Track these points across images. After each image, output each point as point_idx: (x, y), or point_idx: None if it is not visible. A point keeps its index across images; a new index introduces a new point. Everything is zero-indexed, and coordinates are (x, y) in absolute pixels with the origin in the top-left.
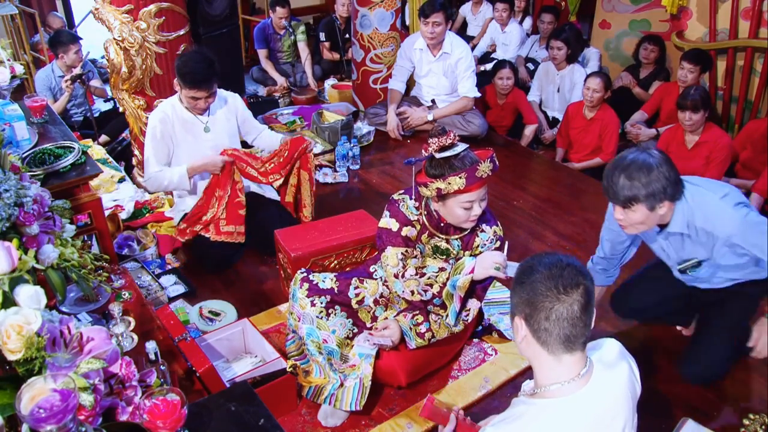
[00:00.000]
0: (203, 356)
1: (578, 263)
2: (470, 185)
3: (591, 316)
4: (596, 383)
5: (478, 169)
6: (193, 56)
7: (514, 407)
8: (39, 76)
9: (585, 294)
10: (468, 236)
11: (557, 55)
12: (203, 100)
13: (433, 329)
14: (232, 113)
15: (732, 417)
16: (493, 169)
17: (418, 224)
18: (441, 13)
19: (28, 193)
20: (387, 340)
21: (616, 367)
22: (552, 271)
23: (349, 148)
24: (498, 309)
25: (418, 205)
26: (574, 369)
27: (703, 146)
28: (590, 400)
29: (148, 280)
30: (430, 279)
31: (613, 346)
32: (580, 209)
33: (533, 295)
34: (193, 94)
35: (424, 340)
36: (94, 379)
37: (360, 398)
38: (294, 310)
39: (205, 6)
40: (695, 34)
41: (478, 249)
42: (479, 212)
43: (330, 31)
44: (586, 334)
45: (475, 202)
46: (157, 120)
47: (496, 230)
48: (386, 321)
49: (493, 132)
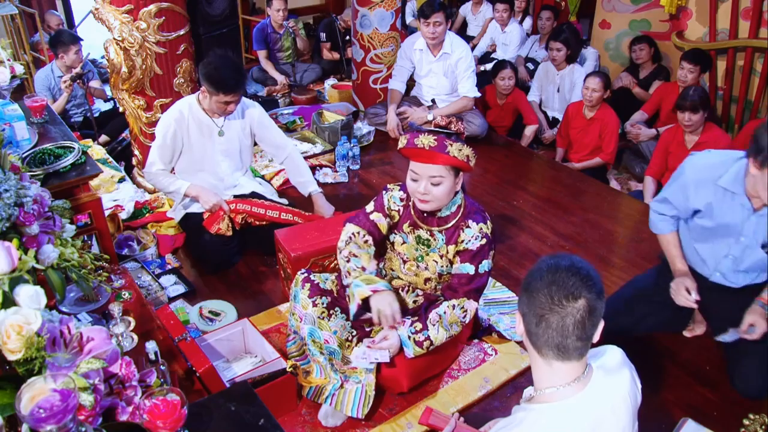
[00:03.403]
0: (203, 356)
1: (586, 273)
2: (408, 149)
3: (589, 331)
4: (595, 389)
5: (418, 137)
6: (222, 62)
7: (514, 414)
8: (38, 76)
9: (584, 308)
10: (452, 230)
11: (557, 56)
12: (234, 104)
13: (431, 337)
14: (247, 121)
15: (732, 417)
16: (437, 148)
17: (397, 215)
18: (441, 13)
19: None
20: (385, 353)
21: (616, 374)
22: (554, 278)
23: (349, 148)
24: (498, 309)
25: (404, 197)
26: (570, 375)
27: (702, 146)
28: (588, 406)
29: (148, 280)
30: (349, 268)
31: (615, 354)
32: (580, 209)
33: (531, 299)
34: (227, 99)
35: (422, 349)
36: (94, 379)
37: (362, 406)
38: (296, 311)
39: (205, 6)
40: (695, 34)
41: (463, 245)
42: (426, 192)
43: (330, 31)
44: (580, 347)
45: (421, 178)
46: (172, 119)
47: (483, 227)
48: (384, 331)
49: (493, 132)
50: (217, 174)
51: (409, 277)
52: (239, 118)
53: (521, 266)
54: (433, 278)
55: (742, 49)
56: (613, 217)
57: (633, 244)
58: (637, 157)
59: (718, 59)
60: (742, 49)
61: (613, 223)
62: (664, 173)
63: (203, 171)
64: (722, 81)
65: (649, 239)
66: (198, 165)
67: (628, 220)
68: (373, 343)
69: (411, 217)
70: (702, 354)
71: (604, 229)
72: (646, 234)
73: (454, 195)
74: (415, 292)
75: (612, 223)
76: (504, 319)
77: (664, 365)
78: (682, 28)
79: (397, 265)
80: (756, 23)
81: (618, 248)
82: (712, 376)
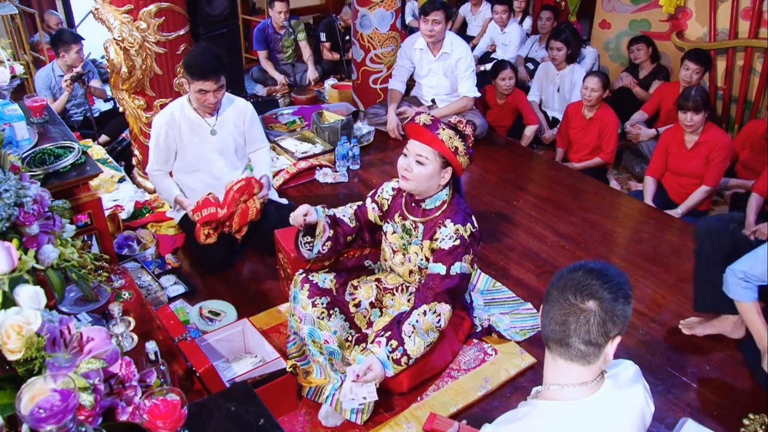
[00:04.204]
0: (203, 356)
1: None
2: (409, 123)
3: (597, 337)
4: (603, 399)
5: (421, 115)
6: (200, 50)
7: (518, 408)
8: (39, 76)
9: (594, 310)
10: (431, 225)
11: (557, 56)
12: (212, 94)
13: (408, 351)
14: (240, 119)
15: (732, 417)
16: (430, 127)
17: (386, 203)
18: (441, 12)
19: (28, 193)
20: (373, 390)
21: (628, 389)
22: (575, 275)
23: (349, 148)
24: (498, 309)
25: (397, 187)
26: (576, 377)
27: (702, 146)
28: (593, 413)
29: (148, 280)
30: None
31: (630, 368)
32: (580, 209)
33: (550, 288)
34: (201, 86)
35: (401, 366)
36: (94, 379)
37: (361, 413)
38: (296, 312)
39: (205, 6)
40: (695, 34)
41: (437, 243)
42: (408, 169)
43: (330, 31)
44: (584, 351)
45: (409, 154)
46: (163, 122)
47: (460, 229)
48: (367, 360)
49: (493, 132)
50: (213, 173)
51: (398, 267)
52: (232, 111)
53: (521, 266)
54: (415, 270)
55: (742, 49)
56: (613, 217)
57: (633, 244)
58: (637, 157)
59: (718, 59)
60: (742, 49)
61: (613, 223)
62: (663, 173)
63: (199, 171)
64: (722, 81)
65: (648, 239)
66: (193, 165)
67: (628, 220)
68: (357, 378)
69: (401, 207)
70: (702, 354)
71: (604, 229)
72: (645, 234)
73: (439, 189)
74: (408, 291)
75: (612, 223)
76: (504, 319)
77: (664, 365)
78: (682, 28)
79: (389, 255)
80: (756, 23)
81: (618, 248)
82: (712, 376)
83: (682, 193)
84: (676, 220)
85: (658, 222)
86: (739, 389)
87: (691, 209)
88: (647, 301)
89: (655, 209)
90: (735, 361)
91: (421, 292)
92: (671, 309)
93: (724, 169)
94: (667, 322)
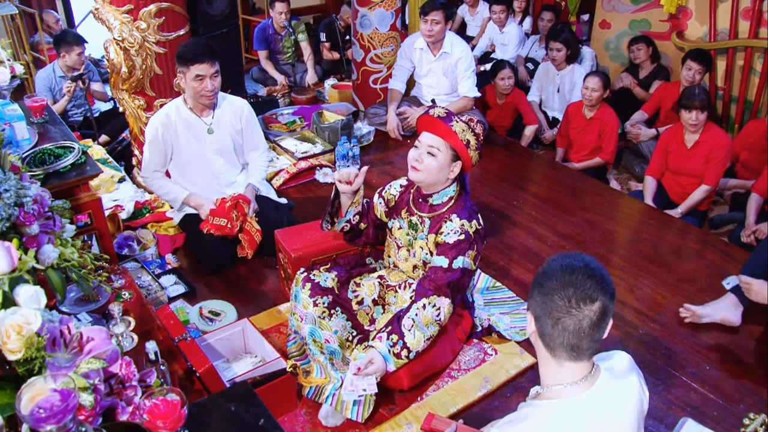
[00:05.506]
0: (203, 356)
1: (601, 275)
2: (423, 117)
3: (602, 331)
4: (601, 389)
5: (435, 108)
6: (190, 40)
7: (519, 410)
8: (39, 76)
9: (600, 310)
10: (437, 219)
11: (557, 56)
12: (209, 80)
13: (408, 344)
14: (237, 116)
15: (732, 417)
16: (444, 119)
17: (393, 200)
18: (440, 12)
19: (28, 193)
20: (373, 383)
21: (624, 379)
22: (570, 280)
23: (349, 148)
24: (498, 309)
25: (405, 184)
26: (578, 373)
27: (702, 146)
28: (593, 405)
29: (148, 280)
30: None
31: (623, 359)
32: (580, 209)
33: (546, 301)
34: (197, 71)
35: (402, 359)
36: (94, 379)
37: (362, 410)
38: (297, 310)
39: (205, 6)
40: (695, 34)
41: (442, 237)
42: (419, 160)
43: (330, 31)
44: (593, 347)
45: (421, 146)
46: (159, 123)
47: (465, 224)
48: (369, 354)
49: (493, 132)
50: (212, 172)
51: (402, 263)
52: (228, 109)
53: (521, 266)
54: (419, 266)
55: (742, 49)
56: (613, 217)
57: (633, 244)
58: (637, 157)
59: (718, 59)
60: (742, 49)
61: (613, 223)
62: (663, 173)
63: (197, 170)
64: (722, 81)
65: (648, 239)
66: (192, 165)
67: (628, 220)
68: (359, 370)
69: (408, 203)
70: (702, 354)
71: (604, 229)
72: (645, 234)
73: (447, 184)
74: (411, 288)
75: (612, 223)
76: (504, 319)
77: (664, 365)
78: (682, 28)
79: (393, 251)
80: (756, 23)
81: (618, 248)
82: (712, 376)
83: (681, 193)
84: (676, 220)
85: (658, 222)
86: (739, 389)
87: (690, 209)
88: (647, 301)
89: (655, 209)
90: (735, 361)
91: (422, 285)
92: (671, 309)
93: (724, 169)
94: (667, 322)
